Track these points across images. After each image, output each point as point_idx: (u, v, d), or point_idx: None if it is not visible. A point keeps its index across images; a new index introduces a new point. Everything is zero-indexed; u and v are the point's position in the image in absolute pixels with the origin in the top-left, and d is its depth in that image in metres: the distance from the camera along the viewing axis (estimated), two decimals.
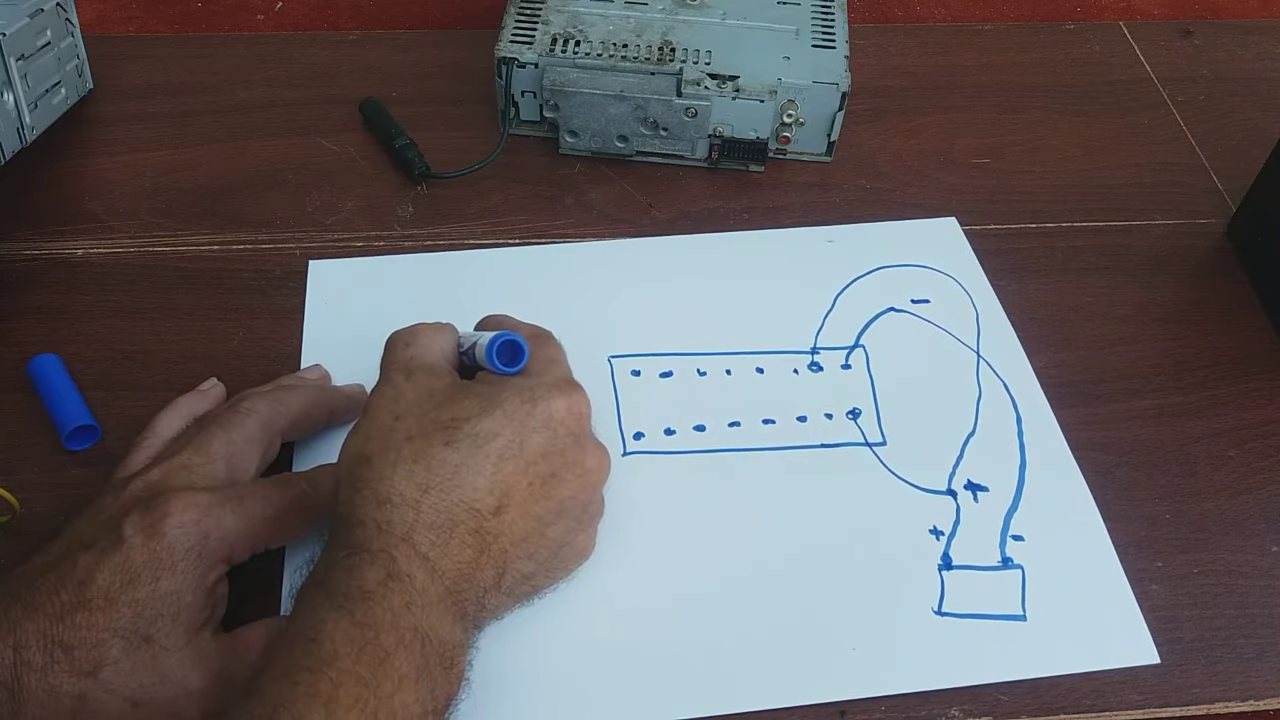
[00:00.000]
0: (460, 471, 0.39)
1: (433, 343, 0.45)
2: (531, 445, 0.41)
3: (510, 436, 0.40)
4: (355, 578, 0.37)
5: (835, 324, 0.57)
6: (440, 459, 0.39)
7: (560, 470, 0.42)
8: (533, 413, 0.41)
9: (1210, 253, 0.63)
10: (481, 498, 0.39)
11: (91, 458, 0.51)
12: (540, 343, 0.45)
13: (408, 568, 0.37)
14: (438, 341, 0.45)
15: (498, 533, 0.40)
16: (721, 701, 0.44)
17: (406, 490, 0.39)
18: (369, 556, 0.37)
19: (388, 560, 0.37)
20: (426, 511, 0.38)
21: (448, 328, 0.47)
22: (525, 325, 0.47)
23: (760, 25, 0.66)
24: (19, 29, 0.58)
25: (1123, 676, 0.45)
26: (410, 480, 0.39)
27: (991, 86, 0.72)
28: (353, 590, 0.36)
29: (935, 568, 0.48)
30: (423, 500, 0.39)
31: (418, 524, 0.38)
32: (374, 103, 0.67)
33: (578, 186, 0.64)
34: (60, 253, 0.59)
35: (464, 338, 0.47)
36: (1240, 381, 0.56)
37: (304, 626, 0.36)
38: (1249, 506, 0.51)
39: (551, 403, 0.42)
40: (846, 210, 0.64)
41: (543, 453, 0.41)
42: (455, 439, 0.40)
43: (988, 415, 0.54)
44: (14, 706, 0.37)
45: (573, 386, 0.43)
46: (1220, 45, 0.76)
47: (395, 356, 0.44)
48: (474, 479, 0.39)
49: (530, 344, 0.44)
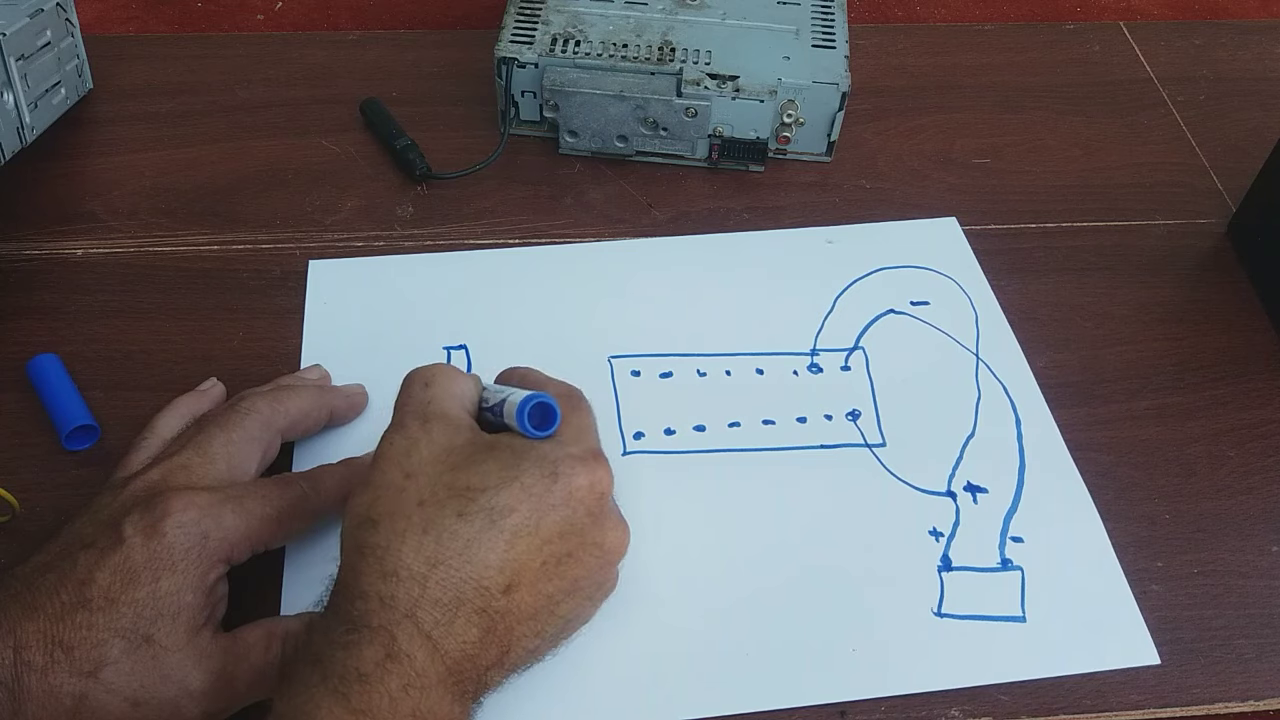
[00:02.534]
0: (471, 547, 0.37)
1: (453, 387, 0.42)
2: (548, 523, 0.38)
3: (527, 513, 0.38)
4: (353, 657, 0.35)
5: (835, 326, 0.57)
6: (451, 531, 0.37)
7: (576, 550, 0.39)
8: (552, 489, 0.39)
9: (1210, 253, 0.63)
10: (492, 576, 0.37)
11: (91, 458, 0.51)
12: (570, 405, 0.42)
13: (408, 647, 0.35)
14: (459, 386, 0.42)
15: (505, 611, 0.38)
16: (721, 702, 0.44)
17: (414, 564, 0.36)
18: (369, 634, 0.35)
19: (387, 639, 0.35)
20: (433, 587, 0.36)
21: (472, 375, 0.44)
22: (554, 383, 0.44)
23: (760, 25, 0.66)
24: (19, 29, 0.58)
25: (1123, 677, 0.45)
26: (419, 553, 0.37)
27: (991, 86, 0.72)
28: (349, 672, 0.34)
29: (935, 569, 0.48)
30: (430, 575, 0.36)
31: (423, 600, 0.36)
32: (374, 103, 0.67)
33: (578, 186, 0.64)
34: (60, 253, 0.59)
35: (488, 391, 0.44)
36: (1240, 381, 0.56)
37: (297, 710, 0.34)
38: (1249, 506, 0.51)
39: (574, 479, 0.39)
40: (846, 210, 0.64)
41: (559, 532, 0.39)
42: (469, 510, 0.38)
43: (987, 417, 0.54)
44: (14, 706, 0.37)
45: (598, 460, 0.40)
46: (1220, 45, 0.76)
47: (412, 398, 0.41)
48: (485, 556, 0.37)
49: (562, 406, 0.41)
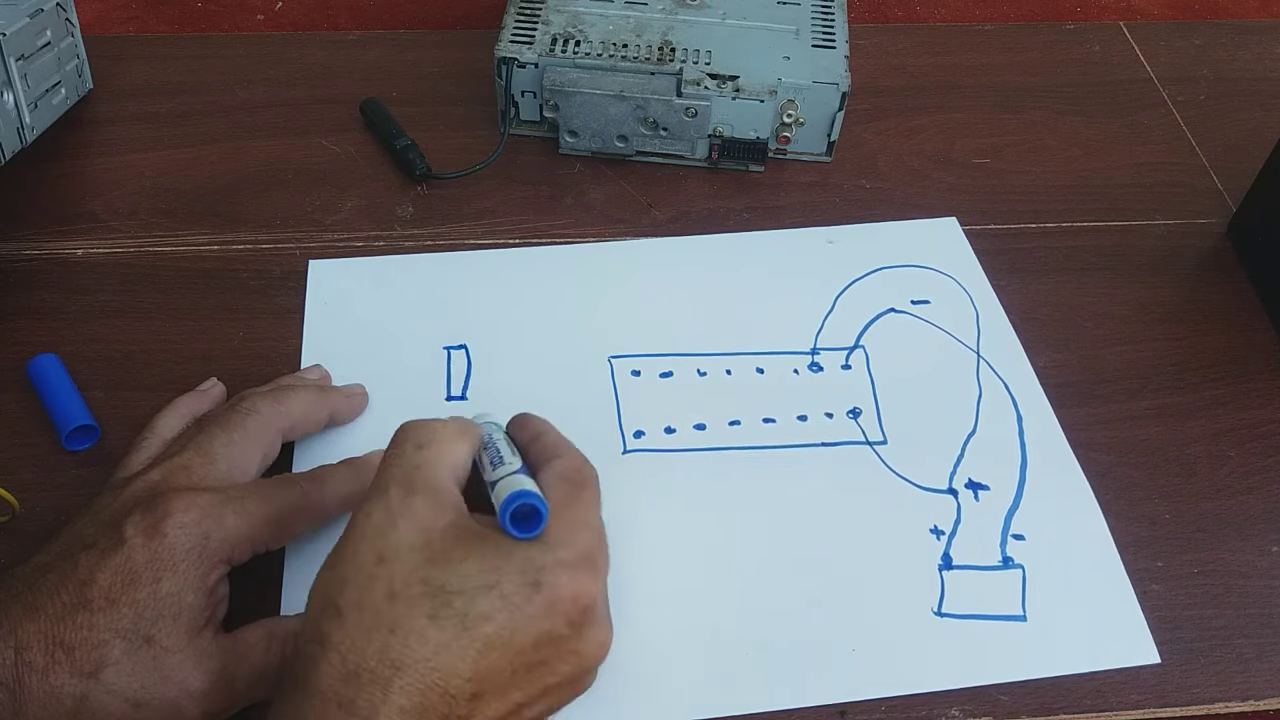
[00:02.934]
0: (440, 654, 0.35)
1: (446, 454, 0.39)
2: (523, 635, 0.36)
3: (503, 622, 0.35)
4: None
5: (835, 325, 0.57)
6: (421, 635, 0.35)
7: (551, 658, 0.37)
8: (533, 599, 0.36)
9: (1210, 253, 0.63)
10: (459, 685, 0.35)
11: (91, 458, 0.51)
12: (572, 492, 0.39)
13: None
14: (453, 453, 0.39)
15: (469, 717, 0.35)
16: (721, 702, 0.44)
17: (377, 667, 0.34)
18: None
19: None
20: (396, 694, 0.34)
21: (470, 433, 0.41)
22: (566, 456, 0.41)
23: (760, 25, 0.66)
24: (19, 29, 0.58)
25: (1123, 676, 0.45)
26: (384, 656, 0.34)
27: (991, 86, 0.72)
28: None
29: (935, 567, 0.48)
30: (394, 680, 0.34)
31: (385, 706, 0.34)
32: (374, 103, 0.67)
33: (578, 186, 0.64)
34: (60, 253, 0.59)
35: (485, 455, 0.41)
36: (1240, 381, 0.56)
37: None
38: (1249, 506, 0.51)
39: (557, 590, 0.36)
40: (846, 210, 0.64)
41: (535, 642, 0.36)
42: (441, 614, 0.35)
43: (988, 414, 0.54)
44: (15, 707, 0.37)
45: (588, 567, 0.37)
46: (1220, 45, 0.76)
47: (400, 459, 0.38)
48: (454, 664, 0.35)
49: (558, 493, 0.38)
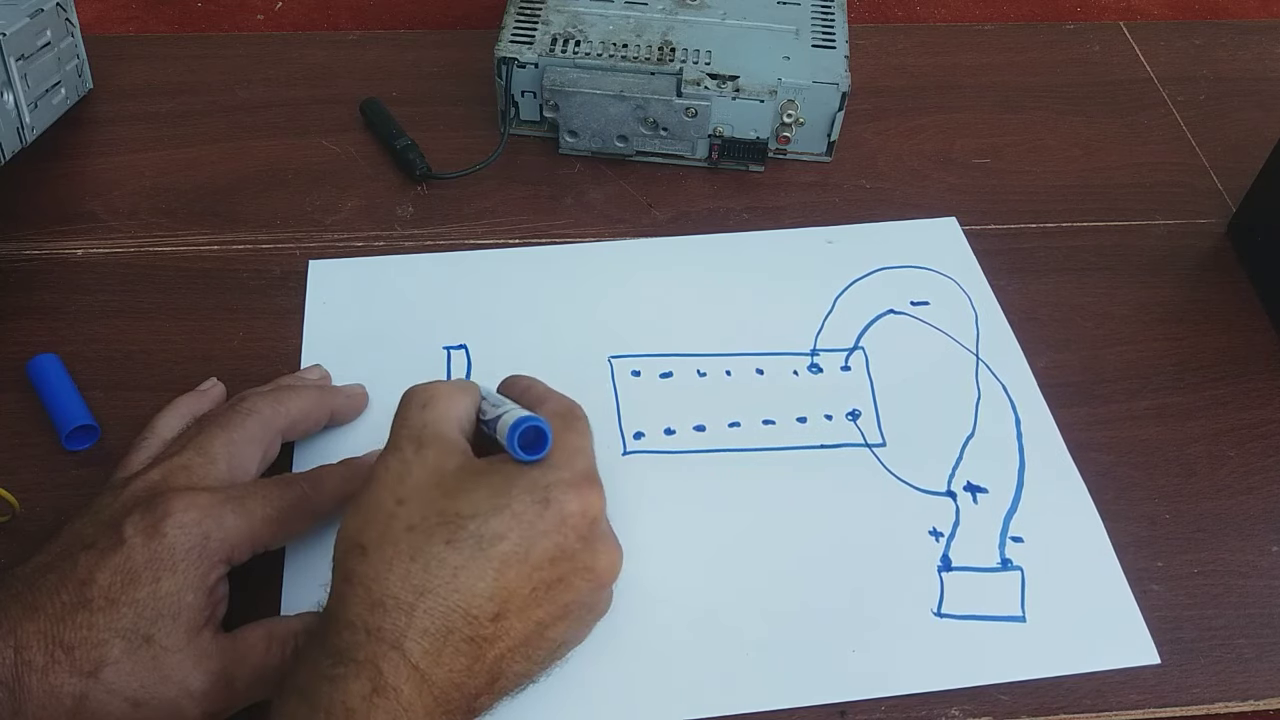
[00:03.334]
0: (460, 575, 0.37)
1: (450, 409, 0.42)
2: (538, 550, 0.38)
3: (516, 540, 0.37)
4: (340, 691, 0.35)
5: (835, 326, 0.57)
6: (440, 559, 0.37)
7: (567, 575, 0.39)
8: (543, 514, 0.38)
9: (1210, 253, 0.63)
10: (480, 604, 0.37)
11: (91, 458, 0.51)
12: (566, 424, 0.41)
13: (395, 680, 0.35)
14: (456, 407, 0.42)
15: (494, 638, 0.37)
16: (721, 702, 0.44)
17: (401, 593, 0.36)
18: (355, 668, 0.35)
19: (374, 672, 0.35)
20: (420, 617, 0.36)
21: (470, 389, 0.43)
22: (553, 399, 0.43)
23: (760, 25, 0.66)
24: (19, 29, 0.58)
25: (1123, 676, 0.45)
26: (406, 582, 0.36)
27: (991, 86, 0.72)
28: (336, 708, 0.34)
29: (935, 569, 0.48)
30: (417, 604, 0.36)
31: (410, 629, 0.36)
32: (374, 103, 0.67)
33: (578, 186, 0.64)
34: (60, 253, 0.59)
35: (485, 403, 0.43)
36: (1240, 381, 0.56)
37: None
38: (1249, 506, 0.51)
39: (565, 505, 0.38)
40: (846, 210, 0.64)
41: (550, 558, 0.38)
42: (457, 538, 0.37)
43: (987, 417, 0.54)
44: (14, 706, 0.37)
45: (590, 484, 0.40)
46: (1220, 45, 0.76)
47: (408, 419, 0.41)
48: (474, 584, 0.37)
49: (556, 425, 0.41)
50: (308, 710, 0.35)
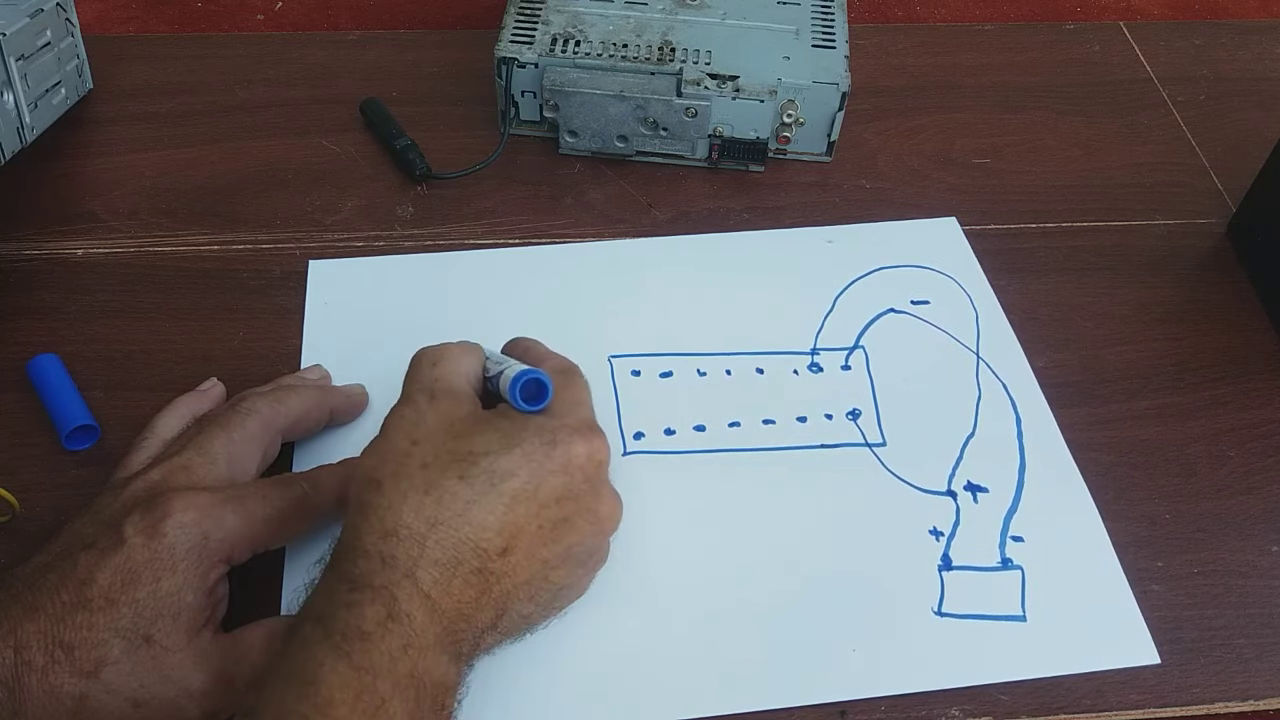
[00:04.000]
0: (471, 508, 0.38)
1: (459, 365, 0.44)
2: (546, 488, 0.40)
3: (526, 477, 0.39)
4: (354, 616, 0.36)
5: (835, 325, 0.57)
6: (452, 493, 0.38)
7: (573, 516, 0.41)
8: (551, 455, 0.40)
9: (1210, 253, 0.63)
10: (490, 537, 0.38)
11: (91, 458, 0.51)
12: (566, 379, 0.44)
13: (408, 607, 0.36)
14: (464, 364, 0.44)
15: (501, 574, 0.39)
16: (721, 701, 0.44)
17: (414, 523, 0.38)
18: (370, 593, 0.36)
19: (388, 598, 0.36)
20: (432, 547, 0.37)
21: (475, 349, 0.45)
22: (553, 358, 0.46)
23: (760, 25, 0.66)
24: (19, 29, 0.58)
25: (1123, 676, 0.45)
26: (419, 513, 0.38)
27: (991, 86, 0.72)
28: (351, 630, 0.35)
29: (935, 568, 0.48)
30: (429, 535, 0.38)
31: (422, 559, 0.37)
32: (374, 103, 0.67)
33: (578, 186, 0.64)
34: (60, 253, 0.59)
35: (490, 362, 0.45)
36: (1240, 381, 0.56)
37: (300, 666, 0.35)
38: (1249, 506, 0.51)
39: (572, 447, 0.40)
40: (846, 210, 0.64)
41: (557, 497, 0.40)
42: (470, 473, 0.39)
43: (987, 416, 0.54)
44: (14, 706, 0.37)
45: (594, 431, 0.42)
46: (1220, 45, 0.76)
47: (420, 375, 0.43)
48: (484, 517, 0.38)
49: (556, 380, 0.43)
50: (323, 633, 0.36)
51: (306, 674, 0.35)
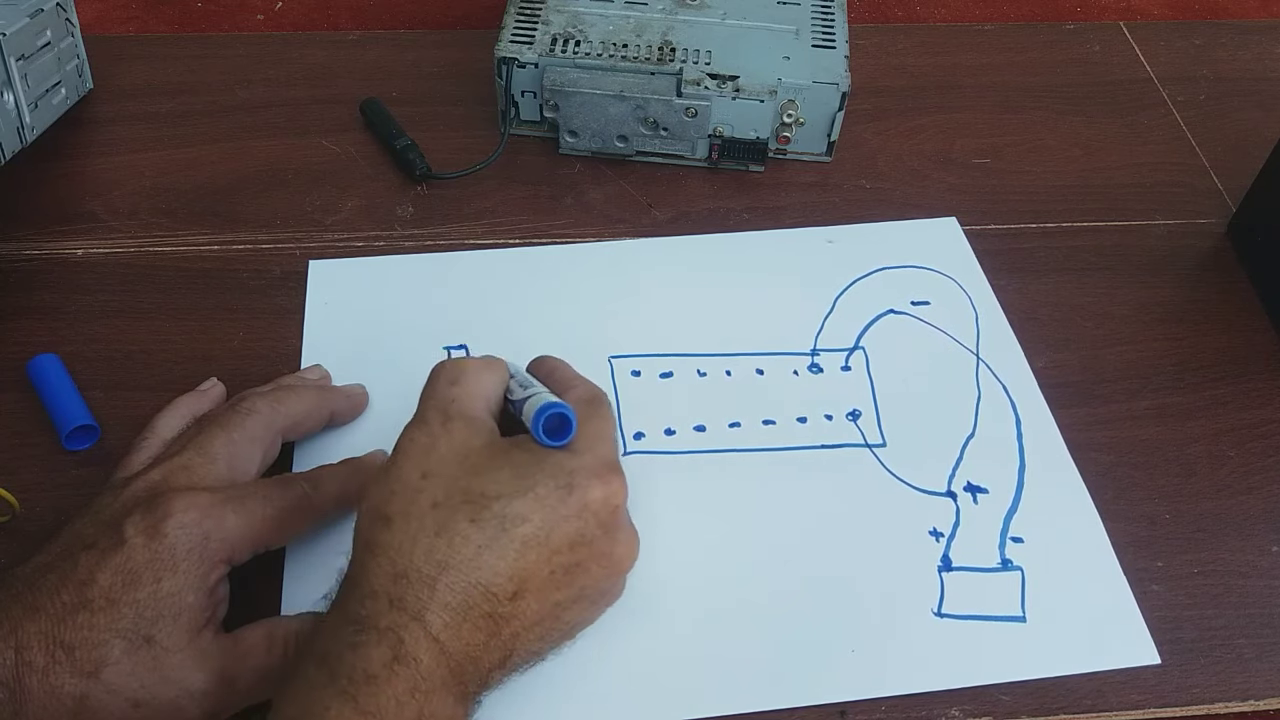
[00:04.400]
0: (482, 553, 0.37)
1: (479, 385, 0.42)
2: (559, 534, 0.39)
3: (539, 523, 0.38)
4: (361, 658, 0.35)
5: (835, 326, 0.57)
6: (463, 536, 0.37)
7: (585, 560, 0.40)
8: (566, 500, 0.39)
9: (1210, 253, 0.63)
10: (500, 583, 0.38)
11: (91, 458, 0.51)
12: (592, 410, 0.42)
13: (415, 650, 0.36)
14: (485, 384, 0.43)
15: (511, 616, 0.38)
16: (721, 702, 0.44)
17: (424, 567, 0.37)
18: (376, 635, 0.36)
19: (395, 641, 0.36)
20: (442, 591, 0.37)
21: (498, 367, 0.44)
22: (580, 385, 0.44)
23: (760, 25, 0.66)
24: (19, 29, 0.58)
25: (1123, 676, 0.45)
26: (429, 556, 0.37)
27: (991, 86, 0.72)
28: (357, 673, 0.35)
29: (935, 569, 0.48)
30: (439, 579, 0.37)
31: (431, 603, 0.36)
32: (374, 103, 0.67)
33: (578, 186, 0.64)
34: (60, 253, 0.59)
35: (514, 383, 0.44)
36: (1240, 381, 0.56)
37: (304, 710, 0.34)
38: (1249, 506, 0.51)
39: (588, 491, 0.39)
40: (846, 210, 0.64)
41: (570, 543, 0.39)
42: (481, 517, 0.38)
43: (987, 417, 0.54)
44: (15, 707, 0.37)
45: (613, 472, 0.40)
46: (1220, 45, 0.76)
47: (436, 393, 0.42)
48: (495, 563, 0.37)
49: (580, 412, 0.41)
50: (328, 675, 0.35)
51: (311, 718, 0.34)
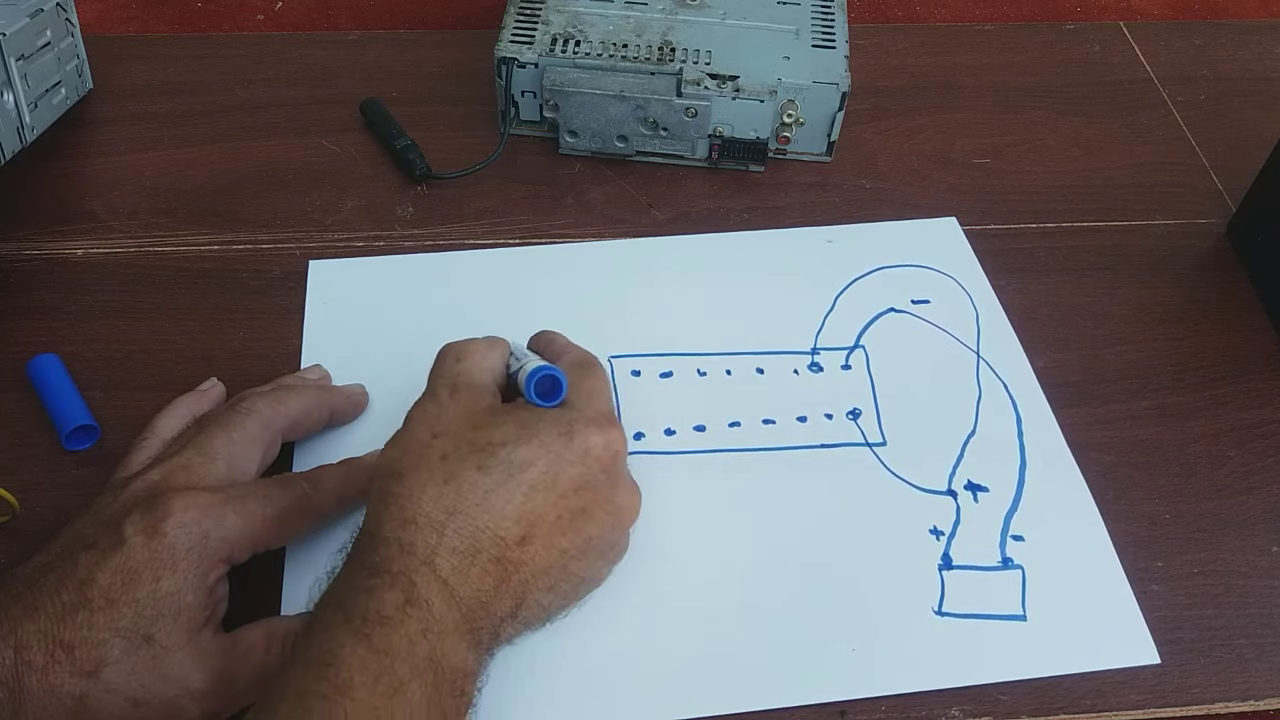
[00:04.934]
0: (490, 497, 0.39)
1: (483, 360, 0.45)
2: (565, 478, 0.40)
3: (544, 467, 0.40)
4: (374, 600, 0.36)
5: (835, 324, 0.57)
6: (471, 482, 0.39)
7: (591, 506, 0.41)
8: (569, 445, 0.41)
9: (1210, 253, 0.63)
10: (508, 526, 0.39)
11: (91, 458, 0.51)
12: (585, 371, 0.45)
13: (426, 593, 0.37)
14: (488, 359, 0.45)
15: (520, 563, 0.39)
16: (721, 701, 0.44)
17: (433, 512, 0.38)
18: (389, 579, 0.37)
19: (407, 584, 0.37)
20: (451, 535, 0.38)
21: (500, 344, 0.46)
22: (573, 351, 0.47)
23: (760, 25, 0.66)
24: (19, 29, 0.58)
25: (1123, 676, 0.45)
26: (438, 502, 0.39)
27: (991, 86, 0.72)
28: (371, 614, 0.36)
29: (935, 568, 0.48)
30: (448, 523, 0.38)
31: (440, 547, 0.38)
32: (374, 103, 0.67)
33: (578, 186, 0.64)
34: (60, 253, 0.59)
35: (512, 358, 0.46)
36: (1240, 381, 0.56)
37: (320, 650, 0.35)
38: (1249, 506, 0.51)
39: (589, 437, 0.41)
40: (846, 210, 0.64)
41: (575, 487, 0.41)
42: (488, 463, 0.40)
43: (988, 415, 0.54)
44: (15, 706, 0.37)
45: (611, 423, 0.42)
46: (1220, 45, 0.76)
47: (444, 370, 0.44)
48: (503, 506, 0.39)
49: (574, 372, 0.44)
50: (342, 617, 0.36)
51: (326, 656, 0.35)
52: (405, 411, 0.43)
